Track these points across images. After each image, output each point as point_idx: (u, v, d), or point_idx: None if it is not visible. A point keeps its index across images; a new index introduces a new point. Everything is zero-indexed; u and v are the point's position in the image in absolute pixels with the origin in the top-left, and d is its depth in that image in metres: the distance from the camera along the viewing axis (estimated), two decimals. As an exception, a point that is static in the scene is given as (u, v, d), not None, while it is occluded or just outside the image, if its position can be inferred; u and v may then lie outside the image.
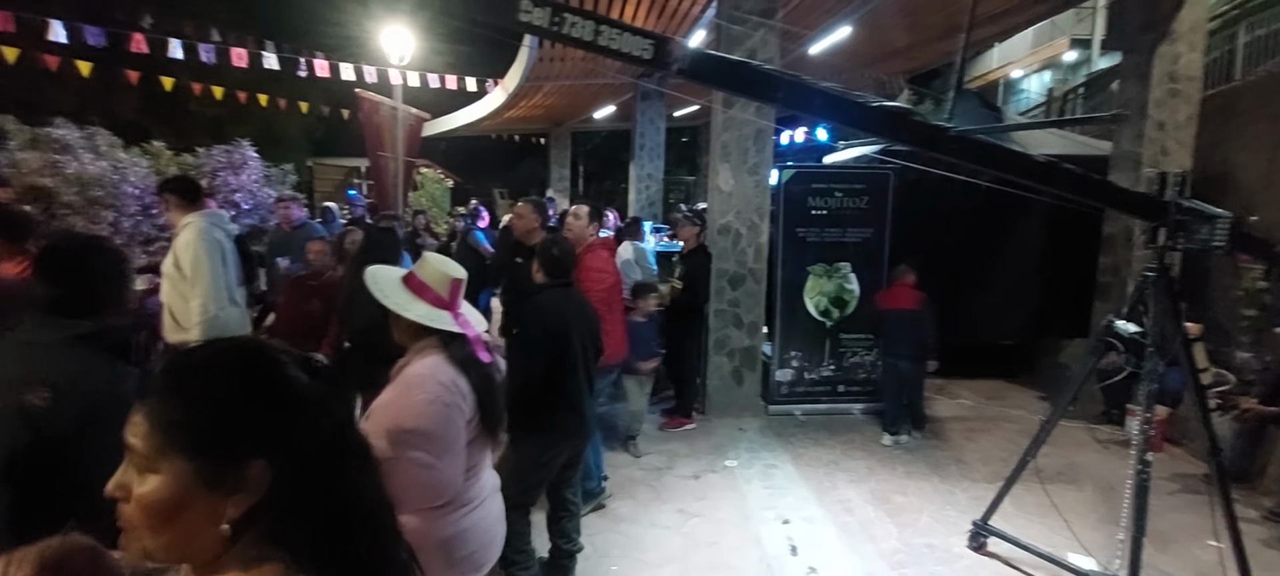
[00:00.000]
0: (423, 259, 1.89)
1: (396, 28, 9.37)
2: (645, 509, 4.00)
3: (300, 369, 0.78)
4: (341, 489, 0.77)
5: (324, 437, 0.76)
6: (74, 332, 1.60)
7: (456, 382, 1.75)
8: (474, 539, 1.83)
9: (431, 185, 17.29)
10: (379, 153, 10.33)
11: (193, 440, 0.72)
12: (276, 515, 0.73)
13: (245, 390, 0.74)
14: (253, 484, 0.72)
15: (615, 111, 14.88)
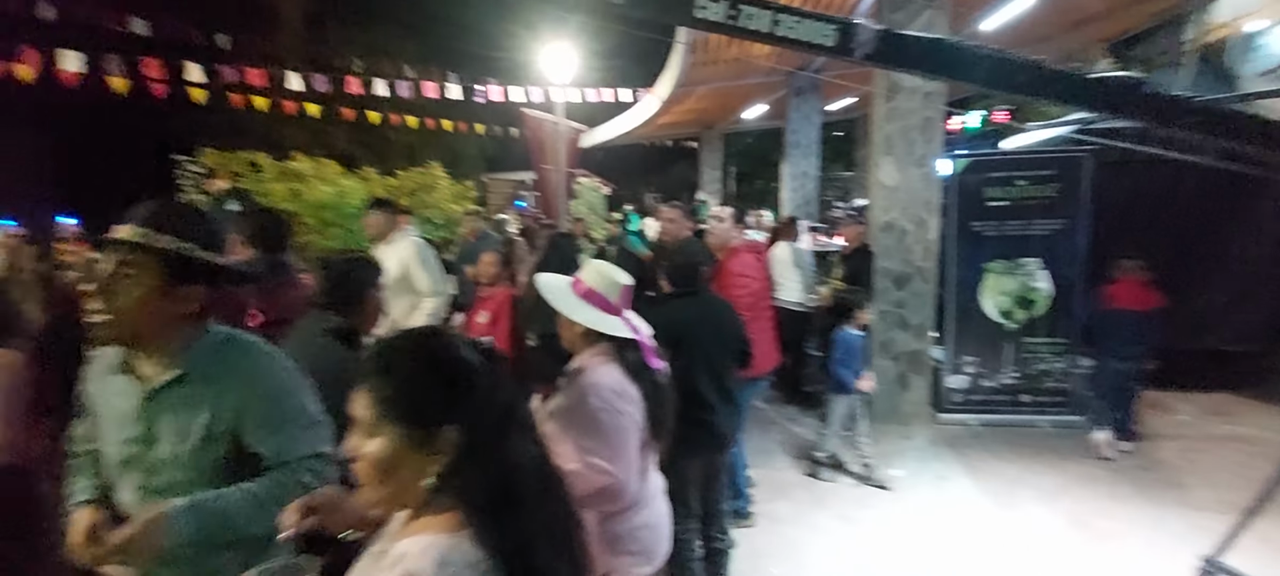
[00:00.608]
0: (588, 265, 2.00)
1: (557, 47, 10.07)
2: (803, 512, 3.95)
3: (473, 352, 0.96)
4: (508, 457, 0.93)
5: (497, 408, 0.93)
6: (324, 326, 2.00)
7: (627, 389, 1.83)
8: (645, 535, 1.92)
9: (589, 193, 18.24)
10: (543, 165, 11.15)
11: (399, 411, 0.92)
12: (461, 476, 0.91)
13: (434, 370, 0.93)
14: (444, 446, 0.90)
15: (767, 110, 14.68)
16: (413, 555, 0.86)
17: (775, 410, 5.78)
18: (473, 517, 0.89)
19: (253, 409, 1.48)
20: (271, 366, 1.55)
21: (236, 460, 1.48)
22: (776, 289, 5.73)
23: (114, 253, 1.41)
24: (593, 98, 10.74)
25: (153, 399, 1.48)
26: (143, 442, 1.49)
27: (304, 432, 1.53)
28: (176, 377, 1.47)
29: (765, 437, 5.08)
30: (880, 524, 3.81)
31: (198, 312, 1.50)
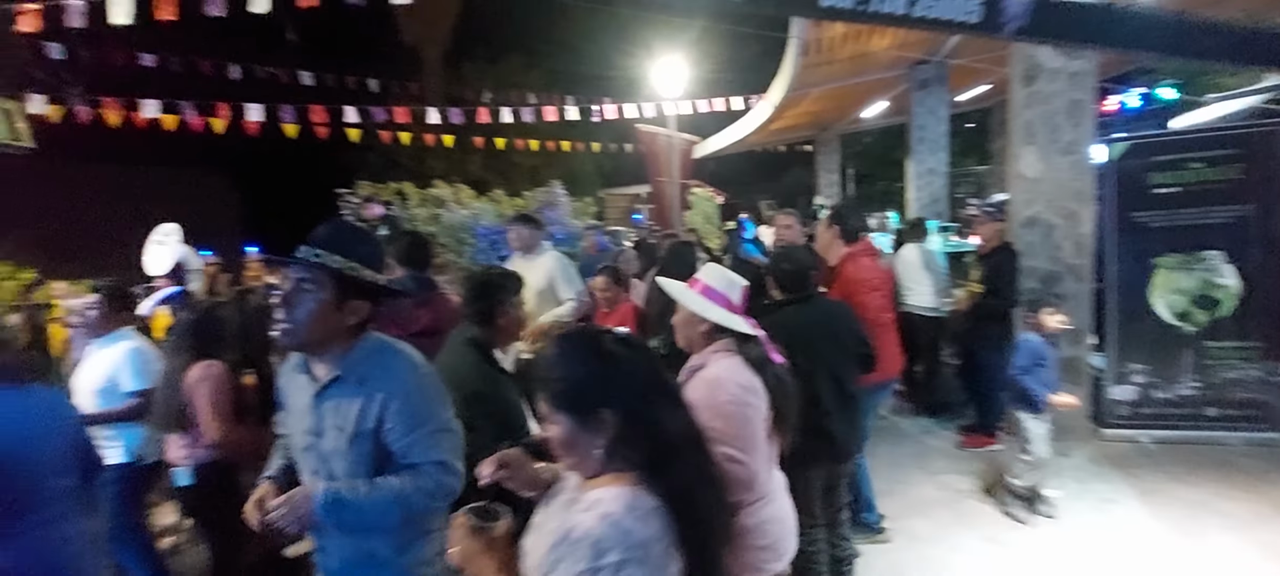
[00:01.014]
0: (706, 267, 2.06)
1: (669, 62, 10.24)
2: (945, 531, 3.72)
3: (617, 343, 1.18)
4: (659, 422, 1.14)
5: (643, 386, 1.15)
6: (466, 336, 2.21)
7: (752, 382, 1.88)
8: (774, 529, 1.94)
9: (703, 203, 18.29)
10: (657, 178, 11.36)
11: (565, 403, 1.14)
12: (626, 443, 1.11)
13: (586, 365, 1.15)
14: (605, 424, 1.11)
15: (888, 107, 14.00)
16: (605, 500, 1.08)
17: (907, 422, 5.49)
18: (642, 475, 1.10)
19: (392, 409, 1.64)
20: (414, 374, 1.72)
21: (382, 456, 1.67)
22: (905, 294, 5.46)
23: (295, 271, 1.65)
24: (704, 108, 10.80)
25: (320, 396, 1.70)
26: (314, 434, 1.71)
27: (432, 438, 1.68)
28: (335, 378, 1.68)
29: (898, 450, 4.83)
30: (1035, 548, 3.50)
31: (360, 323, 1.70)
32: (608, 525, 1.04)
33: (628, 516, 1.06)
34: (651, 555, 1.05)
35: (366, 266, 1.67)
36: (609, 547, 1.03)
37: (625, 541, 1.03)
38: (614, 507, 1.06)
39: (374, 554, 1.71)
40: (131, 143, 10.97)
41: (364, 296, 1.68)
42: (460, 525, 1.23)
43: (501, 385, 2.25)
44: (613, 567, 1.01)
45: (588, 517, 1.07)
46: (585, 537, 1.05)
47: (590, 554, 1.03)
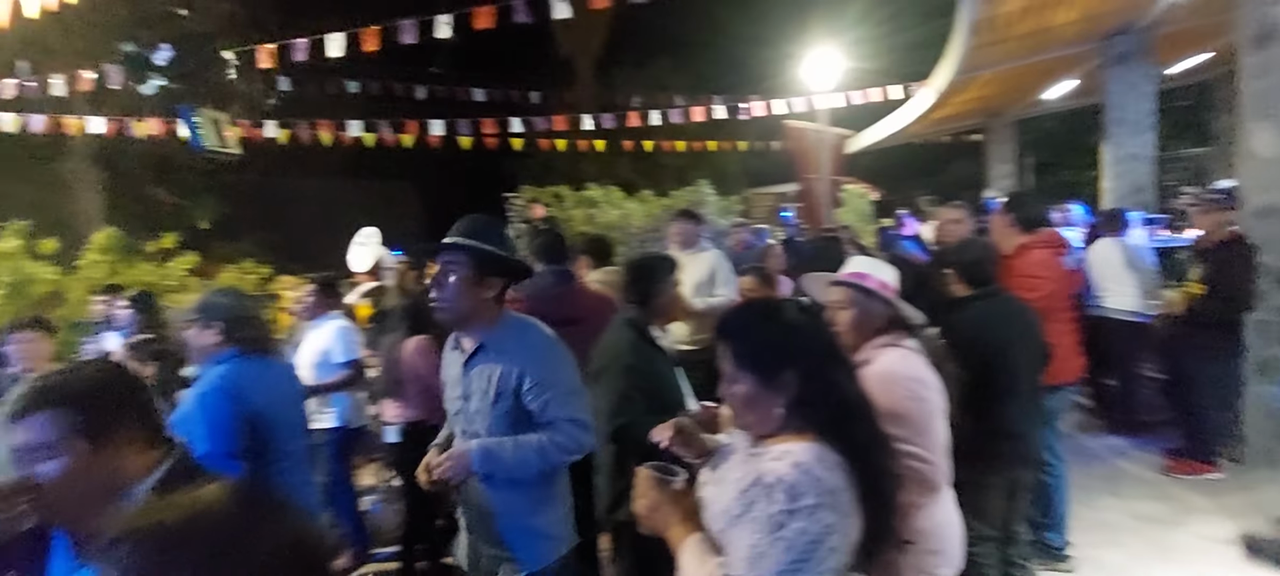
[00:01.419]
0: (853, 259, 2.02)
1: (820, 54, 9.91)
2: (1143, 565, 3.25)
3: (796, 313, 1.26)
4: (838, 385, 1.22)
5: (819, 351, 1.24)
6: (624, 316, 2.37)
7: (926, 375, 1.80)
8: (948, 533, 1.83)
9: (855, 200, 17.46)
10: (806, 175, 11.06)
11: (750, 363, 1.23)
12: (806, 404, 1.19)
13: (767, 332, 1.25)
14: (787, 385, 1.20)
15: (1077, 87, 12.40)
16: (795, 452, 1.16)
17: (1098, 441, 4.86)
18: (824, 433, 1.18)
19: (529, 375, 1.90)
20: (546, 344, 1.99)
21: (519, 415, 1.93)
22: (1100, 294, 4.83)
23: (442, 255, 1.94)
24: (858, 100, 10.32)
25: (468, 365, 1.98)
26: (464, 398, 1.99)
27: (565, 398, 1.93)
28: (480, 348, 1.96)
29: (1085, 472, 4.29)
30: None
31: (498, 298, 1.96)
32: (800, 472, 1.12)
33: (817, 465, 1.13)
34: (840, 503, 1.12)
35: (495, 247, 1.94)
36: (803, 492, 1.10)
37: (818, 487, 1.11)
38: (804, 457, 1.14)
39: (510, 512, 1.97)
40: (340, 159, 12.86)
41: (497, 272, 1.94)
42: (645, 478, 1.33)
43: (656, 361, 2.38)
44: (808, 510, 1.09)
45: (779, 465, 1.15)
46: (779, 482, 1.12)
47: (785, 496, 1.11)
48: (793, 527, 1.09)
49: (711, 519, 1.25)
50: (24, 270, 5.45)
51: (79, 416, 1.14)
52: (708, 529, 1.25)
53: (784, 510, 1.10)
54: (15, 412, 1.14)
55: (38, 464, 1.13)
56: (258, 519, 0.75)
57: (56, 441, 1.12)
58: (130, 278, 5.88)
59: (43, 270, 5.60)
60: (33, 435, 1.12)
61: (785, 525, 1.10)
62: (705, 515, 1.27)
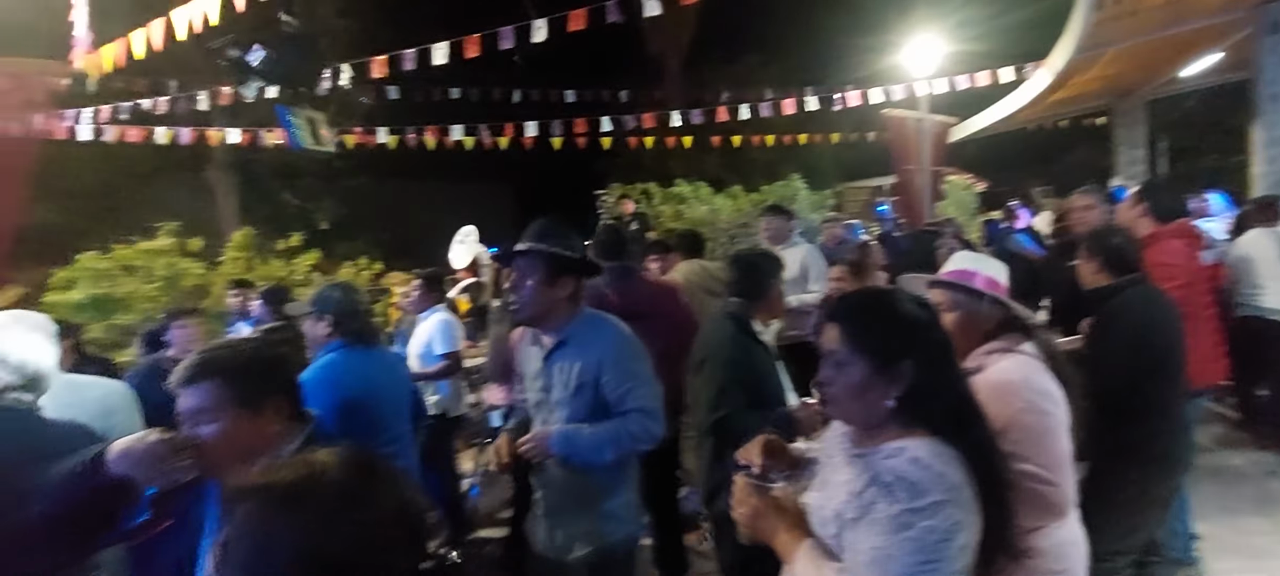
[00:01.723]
0: (956, 255, 1.91)
1: (922, 38, 9.40)
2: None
3: (913, 303, 1.20)
4: (956, 383, 1.18)
5: (940, 346, 1.19)
6: (728, 310, 2.40)
7: (1049, 386, 1.61)
8: (1071, 553, 1.66)
9: (958, 192, 16.45)
10: (905, 167, 10.51)
11: (862, 346, 1.17)
12: (920, 398, 1.14)
13: (885, 317, 1.19)
14: (902, 376, 1.14)
15: (1221, 60, 11.06)
16: (910, 447, 1.11)
17: (1246, 456, 4.33)
18: (940, 428, 1.13)
19: (606, 367, 2.04)
20: (621, 338, 2.12)
21: (598, 404, 2.06)
22: (1252, 293, 4.30)
23: (516, 261, 2.09)
24: (964, 84, 9.71)
25: (548, 359, 2.13)
26: (544, 390, 2.15)
27: (638, 389, 2.06)
28: (559, 344, 2.10)
29: (1230, 491, 3.84)
30: None
31: (572, 297, 2.10)
32: (920, 468, 1.07)
33: (938, 461, 1.08)
34: (964, 499, 1.07)
35: (563, 249, 2.07)
36: (927, 488, 1.06)
37: (941, 483, 1.06)
38: (922, 453, 1.09)
39: (582, 493, 2.12)
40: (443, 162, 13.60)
41: (568, 272, 2.08)
42: (743, 486, 1.30)
43: (756, 355, 2.39)
44: (933, 507, 1.04)
45: (896, 463, 1.10)
46: (899, 480, 1.07)
47: (908, 493, 1.06)
48: (920, 526, 1.04)
49: (820, 524, 1.20)
50: (176, 266, 6.16)
51: (236, 387, 1.33)
52: (817, 535, 1.20)
53: (908, 509, 1.05)
54: (184, 380, 1.34)
55: (200, 425, 1.31)
56: (368, 484, 0.80)
57: (216, 407, 1.31)
58: (263, 273, 6.52)
59: (191, 266, 6.30)
60: (197, 400, 1.32)
61: (912, 524, 1.05)
62: (812, 521, 1.23)
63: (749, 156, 15.83)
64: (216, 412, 1.31)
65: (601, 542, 2.13)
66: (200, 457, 1.29)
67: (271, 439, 1.37)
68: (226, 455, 1.31)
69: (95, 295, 5.67)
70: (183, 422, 1.32)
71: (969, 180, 18.07)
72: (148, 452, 1.24)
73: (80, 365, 3.19)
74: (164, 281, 5.92)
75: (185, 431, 1.31)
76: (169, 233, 6.32)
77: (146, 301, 5.70)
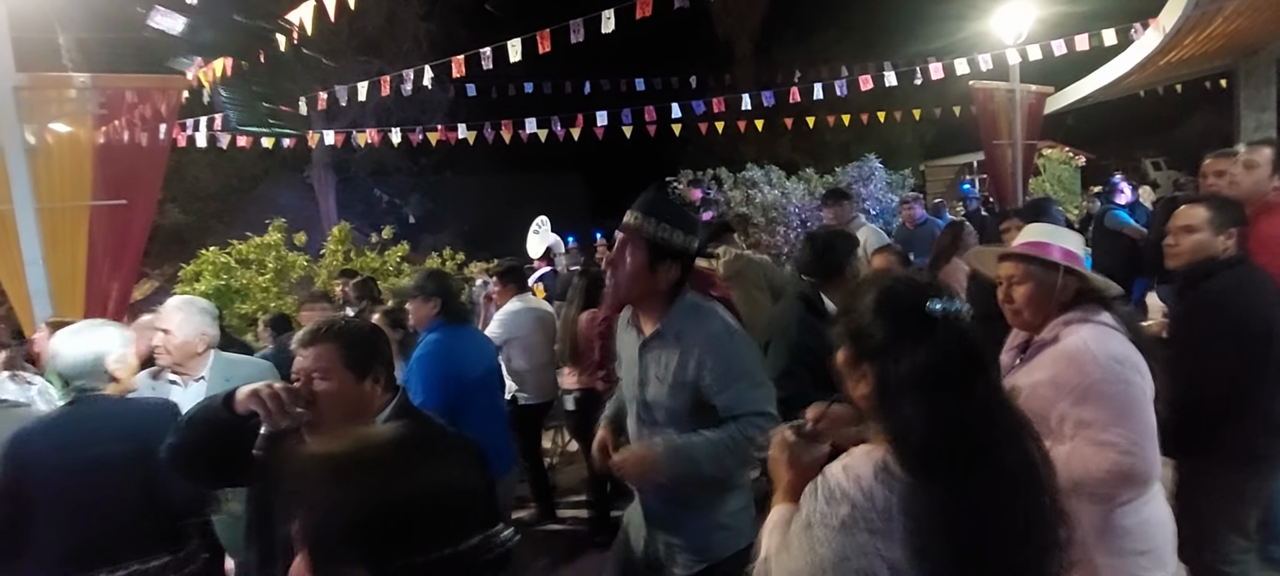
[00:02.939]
0: (1028, 227, 1.83)
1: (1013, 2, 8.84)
2: None
3: (938, 298, 1.04)
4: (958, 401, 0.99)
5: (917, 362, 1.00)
6: (798, 289, 2.43)
7: (1129, 354, 1.56)
8: (1157, 533, 1.61)
9: (1057, 167, 15.40)
10: (994, 142, 9.93)
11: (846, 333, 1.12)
12: (880, 409, 1.03)
13: (862, 312, 1.08)
14: (866, 376, 1.06)
15: (1371, 8, 9.78)
16: (857, 456, 1.05)
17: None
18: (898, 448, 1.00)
19: (708, 364, 1.80)
20: (726, 331, 1.87)
21: (700, 405, 1.83)
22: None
23: (620, 232, 1.89)
24: (1061, 51, 9.06)
25: (644, 348, 1.92)
26: (640, 383, 1.93)
27: (751, 391, 1.82)
28: (656, 332, 1.89)
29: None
30: None
31: (675, 282, 1.88)
32: (847, 479, 1.01)
33: (870, 480, 1.00)
34: (887, 531, 0.97)
35: (673, 226, 1.84)
36: (842, 501, 1.00)
37: (863, 502, 0.99)
38: (862, 467, 1.02)
39: (691, 501, 1.89)
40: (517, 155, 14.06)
41: (674, 259, 1.85)
42: (782, 433, 1.31)
43: (826, 336, 2.31)
44: (842, 523, 0.99)
45: (836, 466, 1.06)
46: (826, 485, 1.03)
47: (824, 500, 1.02)
48: (819, 535, 1.00)
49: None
50: (285, 259, 6.74)
51: (348, 353, 1.52)
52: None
53: (816, 512, 1.02)
54: (305, 341, 1.55)
55: (314, 382, 1.50)
56: (420, 460, 0.86)
57: (329, 367, 1.50)
58: (359, 264, 7.03)
59: (297, 259, 6.88)
60: (314, 360, 1.51)
61: (813, 528, 1.02)
62: None
63: (823, 138, 15.43)
64: (329, 372, 1.49)
65: (709, 557, 1.88)
66: (310, 409, 1.47)
67: (369, 404, 1.55)
68: (331, 411, 1.49)
69: (218, 286, 6.32)
70: (298, 378, 1.51)
71: (1068, 153, 16.87)
72: (272, 395, 1.43)
73: (226, 345, 3.63)
74: (275, 273, 6.51)
75: (300, 386, 1.50)
76: (278, 228, 6.92)
77: (261, 291, 6.29)
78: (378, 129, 9.39)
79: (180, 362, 2.47)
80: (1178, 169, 16.13)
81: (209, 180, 13.19)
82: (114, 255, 4.88)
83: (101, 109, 4.85)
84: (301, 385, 1.49)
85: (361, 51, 13.01)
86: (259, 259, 6.62)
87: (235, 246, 6.75)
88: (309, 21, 5.31)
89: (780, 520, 1.17)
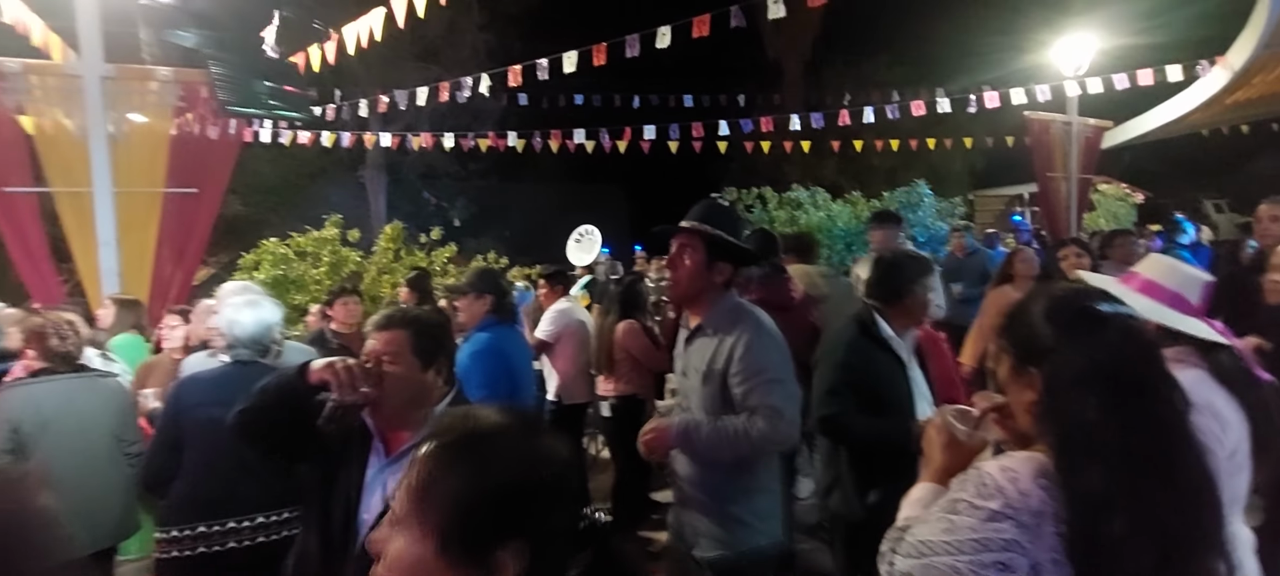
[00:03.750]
0: (1151, 258, 1.74)
1: (1073, 34, 8.65)
2: None
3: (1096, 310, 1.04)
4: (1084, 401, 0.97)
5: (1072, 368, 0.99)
6: (856, 315, 2.39)
7: (1215, 403, 1.46)
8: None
9: (1112, 203, 14.92)
10: (1048, 174, 9.69)
11: (1008, 342, 1.10)
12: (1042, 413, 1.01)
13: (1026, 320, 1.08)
14: (1033, 382, 1.03)
15: None
16: (1018, 458, 1.03)
17: None
18: (1061, 452, 0.99)
19: (735, 357, 1.93)
20: (758, 329, 1.98)
21: (725, 397, 1.95)
22: None
23: (679, 237, 2.04)
24: (1123, 85, 8.81)
25: (687, 342, 2.09)
26: (682, 375, 2.12)
27: (768, 386, 1.91)
28: (700, 326, 2.04)
29: None
30: None
31: (725, 283, 2.03)
32: (1004, 476, 1.00)
33: (1027, 480, 0.99)
34: (1034, 529, 0.96)
35: (728, 233, 2.02)
36: (995, 494, 0.99)
37: (1017, 499, 0.98)
38: (1019, 467, 1.01)
39: (711, 491, 2.03)
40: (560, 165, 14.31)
41: (728, 258, 2.01)
42: (943, 414, 1.28)
43: (877, 360, 2.32)
44: (990, 513, 0.99)
45: (993, 464, 1.05)
46: (977, 474, 1.04)
47: (976, 492, 1.02)
48: (962, 519, 1.00)
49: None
50: (339, 254, 6.96)
51: (418, 340, 1.57)
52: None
53: (963, 500, 1.02)
54: (379, 325, 1.60)
55: (384, 363, 1.54)
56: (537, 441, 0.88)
57: (399, 352, 1.55)
58: (408, 263, 7.21)
59: (350, 254, 7.10)
60: (385, 344, 1.56)
61: (958, 512, 1.02)
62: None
63: (869, 162, 15.28)
64: (398, 357, 1.54)
65: (728, 548, 2.00)
66: (377, 388, 1.51)
67: (429, 393, 1.60)
68: (396, 395, 1.53)
69: (275, 276, 6.55)
70: (370, 359, 1.56)
71: (1125, 190, 16.32)
72: (344, 370, 1.48)
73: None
74: (329, 266, 6.73)
75: (370, 367, 1.54)
76: (334, 224, 7.16)
77: (315, 284, 6.51)
78: (432, 133, 9.66)
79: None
80: (1239, 211, 15.44)
81: (269, 174, 13.72)
82: (181, 242, 5.12)
83: (180, 101, 5.13)
84: (372, 365, 1.53)
85: (420, 58, 13.44)
86: (315, 252, 6.85)
87: (294, 239, 7.01)
88: (378, 29, 5.52)
89: (924, 496, 1.19)
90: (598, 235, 7.79)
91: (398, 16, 5.16)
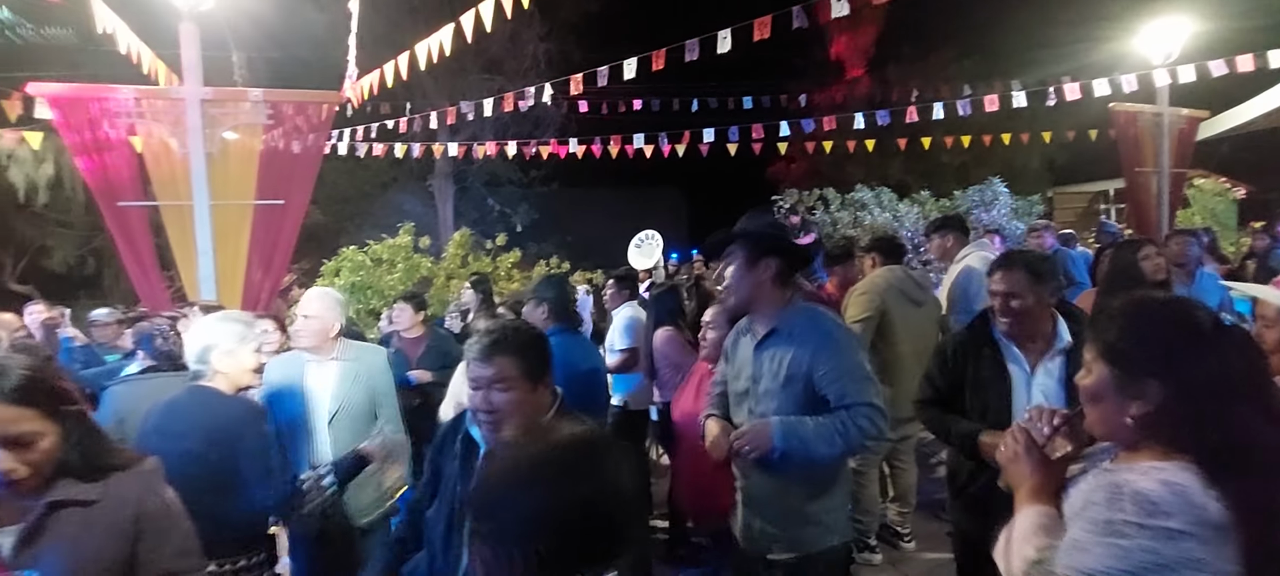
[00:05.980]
0: None
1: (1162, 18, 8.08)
2: None
3: (1188, 320, 1.04)
4: (1242, 423, 0.98)
5: (1208, 371, 1.00)
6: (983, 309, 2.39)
7: None
8: None
9: (1209, 199, 13.87)
10: (1136, 169, 9.09)
11: (1106, 350, 1.08)
12: (1174, 423, 1.01)
13: (1139, 328, 1.06)
14: (1145, 394, 1.03)
15: None
16: (1170, 470, 1.00)
17: None
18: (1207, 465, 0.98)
19: (822, 359, 1.97)
20: (837, 329, 2.06)
21: (810, 398, 1.99)
22: None
23: (724, 251, 2.12)
24: (1220, 71, 8.18)
25: (759, 348, 2.10)
26: (753, 380, 2.11)
27: (859, 384, 1.96)
28: (771, 331, 2.07)
29: None
30: None
31: (780, 282, 2.07)
32: (1170, 492, 0.97)
33: (1199, 493, 0.96)
34: (1216, 544, 0.93)
35: (768, 227, 2.12)
36: (1171, 512, 0.95)
37: (1193, 514, 0.94)
38: (1182, 479, 0.98)
39: (785, 493, 2.04)
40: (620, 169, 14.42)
41: (769, 255, 2.06)
42: (1020, 427, 1.24)
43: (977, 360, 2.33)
44: (1166, 533, 0.94)
45: (1144, 479, 1.00)
46: (1137, 494, 0.98)
47: (1138, 508, 0.97)
48: (1137, 542, 0.95)
49: (1067, 507, 1.15)
50: (412, 259, 7.29)
51: (524, 362, 1.59)
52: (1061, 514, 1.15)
53: (1129, 521, 0.97)
54: (483, 354, 1.58)
55: (495, 392, 1.56)
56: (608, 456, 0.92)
57: (509, 377, 1.57)
58: (475, 269, 7.47)
59: (422, 260, 7.41)
60: (495, 371, 1.56)
61: (1127, 536, 0.96)
62: (1065, 503, 1.17)
63: (938, 159, 14.72)
64: (510, 382, 1.56)
65: (801, 549, 2.03)
66: (493, 416, 1.55)
67: (541, 406, 1.63)
68: (512, 415, 1.55)
69: (354, 281, 6.92)
70: (479, 388, 1.58)
71: (1224, 184, 15.12)
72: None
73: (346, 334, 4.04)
74: (403, 272, 7.05)
75: (481, 396, 1.57)
76: (408, 232, 7.50)
77: (390, 289, 6.84)
78: (496, 142, 9.96)
79: (317, 344, 2.76)
80: (1360, 204, 14.05)
81: (345, 185, 14.47)
82: (269, 250, 5.48)
83: (269, 119, 5.50)
84: (481, 397, 1.57)
85: (485, 70, 13.89)
86: (391, 258, 7.20)
87: (371, 246, 7.38)
88: (448, 44, 5.74)
89: (1042, 523, 1.13)
90: (659, 239, 7.84)
91: (466, 31, 5.35)
